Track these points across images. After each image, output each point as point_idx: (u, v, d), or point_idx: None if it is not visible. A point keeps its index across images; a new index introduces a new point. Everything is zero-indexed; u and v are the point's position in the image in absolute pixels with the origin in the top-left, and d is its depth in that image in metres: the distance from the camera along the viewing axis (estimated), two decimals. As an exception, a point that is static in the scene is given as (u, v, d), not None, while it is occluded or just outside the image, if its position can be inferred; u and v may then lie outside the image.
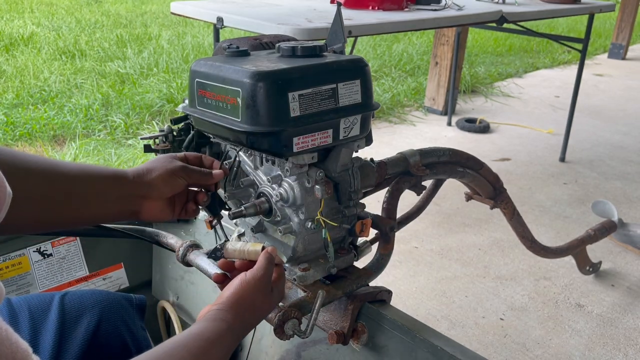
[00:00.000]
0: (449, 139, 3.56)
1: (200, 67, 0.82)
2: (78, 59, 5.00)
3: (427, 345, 0.85)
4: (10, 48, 5.26)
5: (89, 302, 0.91)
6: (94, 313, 0.90)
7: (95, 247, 1.34)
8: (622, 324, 1.83)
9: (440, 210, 2.56)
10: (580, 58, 3.03)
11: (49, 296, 0.91)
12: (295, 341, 1.10)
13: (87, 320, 0.88)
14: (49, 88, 4.07)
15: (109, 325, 0.90)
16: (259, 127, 0.75)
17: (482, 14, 2.34)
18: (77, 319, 0.87)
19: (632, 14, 6.08)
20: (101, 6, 8.23)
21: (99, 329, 0.88)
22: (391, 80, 4.72)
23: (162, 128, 0.96)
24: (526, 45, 6.55)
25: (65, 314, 0.88)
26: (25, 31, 5.89)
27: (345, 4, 2.21)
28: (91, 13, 7.53)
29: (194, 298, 1.39)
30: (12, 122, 3.34)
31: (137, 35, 6.05)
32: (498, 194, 1.38)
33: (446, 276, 2.07)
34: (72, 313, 0.89)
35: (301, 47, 0.83)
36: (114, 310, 0.92)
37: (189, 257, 0.98)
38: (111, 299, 0.95)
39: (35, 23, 6.52)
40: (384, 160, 1.04)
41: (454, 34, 3.67)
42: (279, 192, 0.85)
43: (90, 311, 0.90)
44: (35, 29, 6.10)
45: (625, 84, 5.16)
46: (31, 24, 6.40)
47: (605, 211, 1.99)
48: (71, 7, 7.93)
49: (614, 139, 3.65)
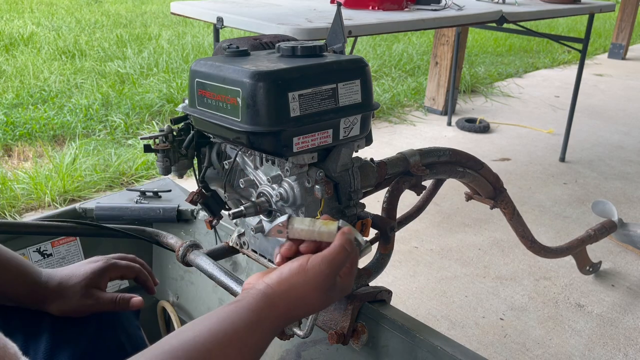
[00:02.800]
0: (449, 139, 3.56)
1: (200, 67, 0.82)
2: (78, 58, 5.00)
3: (427, 345, 0.84)
4: (10, 48, 5.26)
5: None
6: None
7: (95, 247, 1.34)
8: (622, 324, 1.83)
9: (440, 210, 2.56)
10: (580, 58, 3.03)
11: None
12: (295, 341, 1.09)
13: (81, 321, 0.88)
14: (48, 88, 4.06)
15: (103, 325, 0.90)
16: (259, 127, 0.75)
17: (482, 14, 2.34)
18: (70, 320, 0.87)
19: (632, 14, 6.08)
20: (101, 6, 8.23)
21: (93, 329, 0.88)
22: (391, 80, 4.72)
23: (162, 128, 0.96)
24: (526, 45, 6.55)
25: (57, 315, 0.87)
26: (25, 31, 5.89)
27: (345, 4, 2.21)
28: (91, 13, 7.53)
29: (194, 298, 1.39)
30: (12, 122, 3.33)
31: (137, 35, 6.05)
32: (498, 194, 1.38)
33: (446, 276, 2.07)
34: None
35: (301, 47, 0.83)
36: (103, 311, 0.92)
37: (189, 257, 0.98)
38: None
39: (35, 23, 6.52)
40: (384, 160, 1.04)
41: (454, 34, 3.67)
42: (279, 192, 0.85)
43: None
44: (35, 29, 6.10)
45: (625, 84, 5.15)
46: (31, 23, 6.40)
47: (605, 211, 1.99)
48: (71, 7, 7.93)
49: (614, 139, 3.65)
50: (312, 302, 0.66)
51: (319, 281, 0.65)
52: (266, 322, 0.62)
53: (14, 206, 2.44)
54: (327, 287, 0.66)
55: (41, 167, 2.82)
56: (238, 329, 0.60)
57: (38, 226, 1.10)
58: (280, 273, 0.65)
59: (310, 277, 0.64)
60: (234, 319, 0.61)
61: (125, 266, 0.95)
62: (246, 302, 0.63)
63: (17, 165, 2.91)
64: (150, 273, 1.00)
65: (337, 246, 0.66)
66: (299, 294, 0.64)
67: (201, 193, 0.95)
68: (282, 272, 0.65)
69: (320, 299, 0.66)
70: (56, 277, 0.88)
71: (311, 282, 0.64)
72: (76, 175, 2.67)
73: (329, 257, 0.65)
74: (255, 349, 0.61)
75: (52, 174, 2.67)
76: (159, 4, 8.67)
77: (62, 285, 0.87)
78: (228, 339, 0.59)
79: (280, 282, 0.64)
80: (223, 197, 0.94)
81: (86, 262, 0.92)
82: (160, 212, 1.31)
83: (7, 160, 2.99)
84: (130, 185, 2.74)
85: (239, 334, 0.60)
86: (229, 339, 0.59)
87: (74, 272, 0.89)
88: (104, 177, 2.72)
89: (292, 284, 0.64)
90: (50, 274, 0.89)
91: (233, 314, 0.61)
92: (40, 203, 2.50)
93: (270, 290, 0.64)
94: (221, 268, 0.93)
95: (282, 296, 0.63)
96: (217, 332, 0.59)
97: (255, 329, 0.61)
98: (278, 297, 0.63)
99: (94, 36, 5.98)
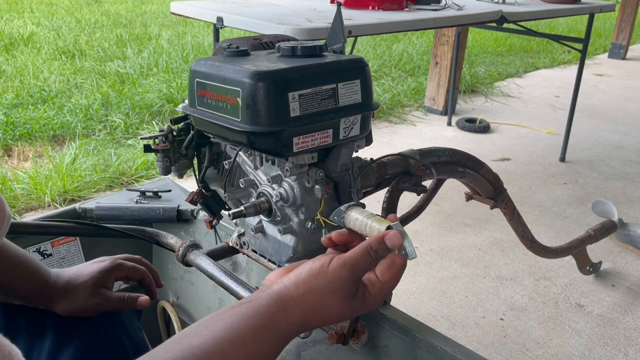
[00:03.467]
0: (449, 139, 3.56)
1: (200, 67, 0.82)
2: (78, 58, 5.00)
3: (427, 345, 0.84)
4: (10, 48, 5.26)
5: None
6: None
7: (95, 247, 1.33)
8: (623, 324, 1.83)
9: (440, 210, 2.56)
10: (581, 58, 3.03)
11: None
12: (295, 341, 1.09)
13: (84, 322, 0.88)
14: (48, 88, 4.06)
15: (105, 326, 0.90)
16: (259, 127, 0.75)
17: (482, 14, 2.34)
18: (74, 320, 0.87)
19: (632, 14, 6.08)
20: (101, 6, 8.22)
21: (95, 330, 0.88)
22: (391, 80, 4.72)
23: (162, 128, 0.96)
24: (526, 45, 6.55)
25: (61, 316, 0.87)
26: (25, 31, 5.89)
27: (345, 3, 2.21)
28: (91, 13, 7.53)
29: (194, 298, 1.38)
30: (12, 122, 3.33)
31: (137, 35, 6.05)
32: (498, 194, 1.38)
33: (446, 276, 2.07)
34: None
35: (301, 47, 0.82)
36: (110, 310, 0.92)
37: (189, 257, 0.98)
38: None
39: (35, 23, 6.52)
40: (384, 160, 1.04)
41: (454, 34, 3.67)
42: (279, 192, 0.85)
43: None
44: (35, 29, 6.10)
45: (626, 84, 5.15)
46: (31, 23, 6.40)
47: (605, 211, 1.99)
48: (71, 7, 7.93)
49: (614, 139, 3.64)
50: (330, 309, 0.59)
51: (339, 286, 0.58)
52: (278, 330, 0.57)
53: (13, 206, 2.44)
54: (346, 294, 0.59)
55: (41, 167, 2.82)
56: (246, 338, 0.55)
57: (38, 226, 1.10)
58: (299, 273, 0.60)
59: (329, 280, 0.58)
60: (242, 326, 0.56)
61: (132, 267, 0.95)
62: (258, 304, 0.57)
63: (17, 165, 2.91)
64: (156, 275, 1.00)
65: (361, 248, 0.60)
66: (317, 299, 0.58)
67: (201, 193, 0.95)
68: (301, 273, 0.60)
69: (340, 308, 0.59)
70: (64, 276, 0.89)
71: (330, 286, 0.58)
72: (76, 175, 2.67)
73: (350, 259, 0.59)
74: (265, 358, 0.57)
75: (52, 174, 2.67)
76: (159, 4, 8.67)
77: (70, 284, 0.87)
78: (234, 348, 0.54)
79: (298, 284, 0.59)
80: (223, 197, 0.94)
81: (93, 262, 0.93)
82: (160, 212, 1.31)
83: (7, 160, 2.99)
84: (130, 185, 2.74)
85: (247, 344, 0.55)
86: (235, 349, 0.54)
87: (81, 271, 0.90)
88: (104, 177, 2.71)
89: (311, 286, 0.58)
90: (59, 274, 0.89)
91: (243, 318, 0.56)
92: (40, 203, 2.50)
93: (287, 291, 0.58)
94: (221, 268, 0.93)
95: (298, 300, 0.58)
96: (222, 340, 0.55)
97: (265, 339, 0.56)
98: (294, 301, 0.58)
99: (94, 36, 5.98)
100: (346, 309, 0.59)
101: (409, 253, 0.60)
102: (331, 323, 0.61)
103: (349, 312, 0.60)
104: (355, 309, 0.60)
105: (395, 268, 0.61)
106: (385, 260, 0.62)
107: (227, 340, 0.55)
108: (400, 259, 0.61)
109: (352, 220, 0.65)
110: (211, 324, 0.56)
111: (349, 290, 0.59)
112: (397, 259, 0.61)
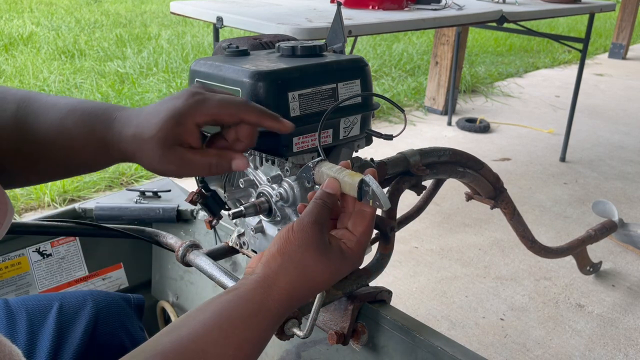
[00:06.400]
0: (449, 138, 3.55)
1: (200, 67, 0.82)
2: (77, 58, 5.00)
3: (427, 345, 0.84)
4: (9, 48, 5.26)
5: (87, 302, 0.91)
6: (91, 314, 0.89)
7: (95, 247, 1.33)
8: (623, 324, 1.83)
9: (440, 210, 2.55)
10: (581, 58, 3.03)
11: (47, 298, 0.91)
12: (295, 341, 1.09)
13: (84, 321, 0.88)
14: (48, 88, 4.06)
15: (106, 325, 0.90)
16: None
17: (482, 14, 2.34)
18: (75, 320, 0.87)
19: (632, 14, 6.08)
20: (101, 6, 8.22)
21: (96, 329, 0.88)
22: (391, 80, 4.72)
23: (162, 128, 0.95)
24: (526, 45, 6.54)
25: (62, 315, 0.87)
26: (24, 31, 5.89)
27: (345, 3, 2.21)
28: (91, 13, 7.52)
29: (194, 298, 1.38)
30: (12, 122, 3.33)
31: (136, 35, 6.05)
32: (498, 194, 1.38)
33: (446, 276, 2.07)
34: (70, 314, 0.88)
35: (301, 47, 0.82)
36: (111, 310, 0.92)
37: (188, 257, 0.98)
38: (109, 299, 0.94)
39: (35, 23, 6.51)
40: (384, 160, 1.04)
41: (454, 34, 3.66)
42: (279, 192, 0.85)
43: (87, 312, 0.90)
44: (35, 29, 6.10)
45: (626, 84, 5.15)
46: (30, 23, 6.39)
47: (605, 211, 1.99)
48: (71, 7, 7.92)
49: (614, 139, 3.64)
50: (312, 270, 0.58)
51: (308, 240, 0.57)
52: (266, 313, 0.56)
53: (13, 206, 2.44)
54: (318, 246, 0.58)
55: (41, 167, 2.82)
56: (235, 324, 0.55)
57: (37, 226, 1.10)
58: (272, 247, 0.59)
59: (298, 239, 0.58)
60: (230, 312, 0.55)
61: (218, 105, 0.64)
62: (243, 290, 0.57)
63: (17, 165, 2.90)
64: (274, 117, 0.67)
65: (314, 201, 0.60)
66: (295, 263, 0.57)
67: (201, 193, 0.95)
68: (273, 245, 0.59)
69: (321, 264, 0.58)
70: (130, 128, 0.63)
71: (301, 244, 0.57)
72: (76, 175, 2.67)
73: (306, 214, 0.59)
74: (256, 343, 0.56)
75: (52, 173, 2.67)
76: (159, 3, 8.66)
77: (137, 140, 0.63)
78: (224, 336, 0.54)
79: (274, 256, 0.58)
80: (223, 197, 0.94)
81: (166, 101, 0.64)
82: (160, 212, 1.31)
83: (7, 160, 2.99)
84: (130, 185, 2.74)
85: (236, 330, 0.55)
86: (226, 336, 0.54)
87: (148, 120, 0.62)
88: (104, 177, 2.71)
89: (286, 253, 0.58)
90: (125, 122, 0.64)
91: (230, 305, 0.56)
92: (40, 203, 2.50)
93: (267, 269, 0.58)
94: (221, 268, 0.93)
95: (279, 272, 0.57)
96: (212, 328, 0.54)
97: (255, 322, 0.56)
98: (275, 274, 0.57)
99: (94, 36, 5.98)
100: (327, 263, 0.58)
101: (383, 203, 0.58)
102: (320, 288, 0.60)
103: (333, 269, 0.59)
104: (337, 264, 0.59)
105: (367, 219, 0.61)
106: (355, 213, 0.62)
107: (216, 328, 0.54)
108: (370, 209, 0.61)
109: (323, 176, 0.62)
110: (199, 314, 0.56)
111: (319, 241, 0.58)
112: (366, 208, 0.61)
